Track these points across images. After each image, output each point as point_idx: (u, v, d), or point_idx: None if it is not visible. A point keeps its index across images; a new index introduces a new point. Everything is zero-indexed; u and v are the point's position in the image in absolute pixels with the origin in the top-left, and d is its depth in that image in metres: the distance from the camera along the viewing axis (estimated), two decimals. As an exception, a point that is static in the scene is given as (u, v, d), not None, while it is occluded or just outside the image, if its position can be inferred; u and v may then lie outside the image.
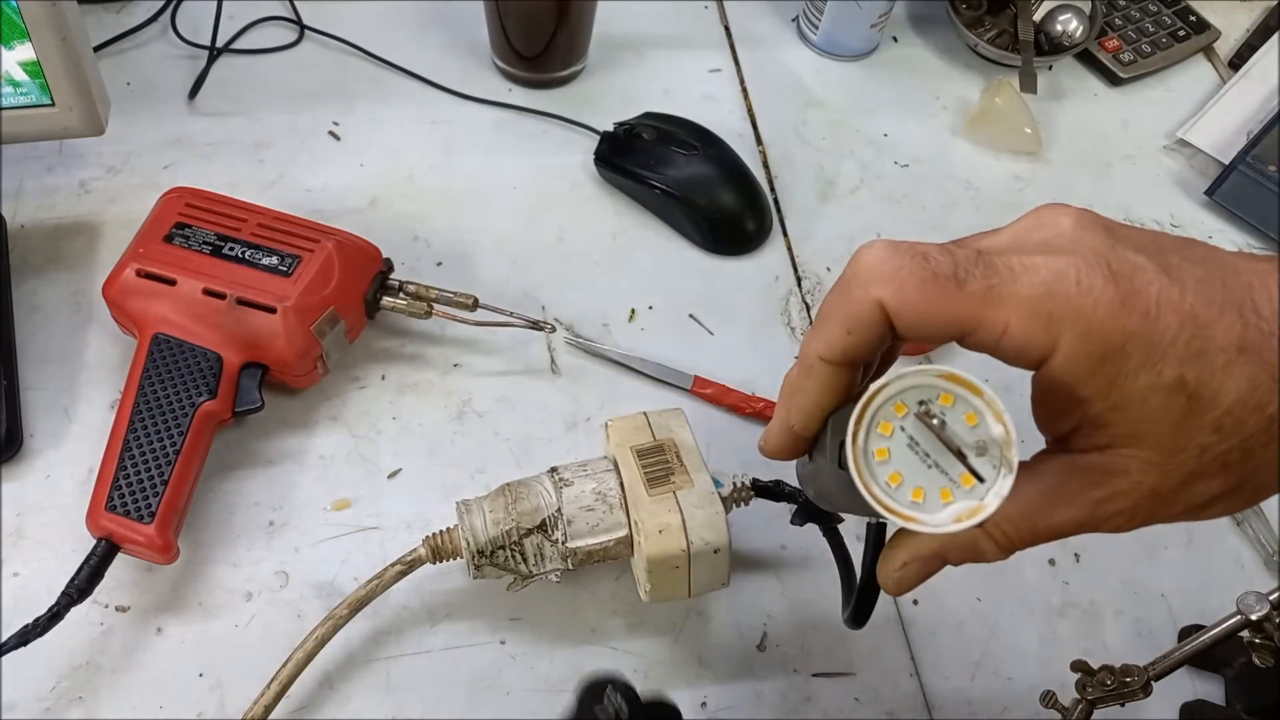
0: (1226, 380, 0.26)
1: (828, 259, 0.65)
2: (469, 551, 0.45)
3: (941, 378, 0.28)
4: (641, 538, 0.44)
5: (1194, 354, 0.26)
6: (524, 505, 0.45)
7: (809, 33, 0.76)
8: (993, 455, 0.28)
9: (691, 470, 0.46)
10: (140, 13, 0.70)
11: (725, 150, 0.66)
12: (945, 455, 0.28)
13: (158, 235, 0.52)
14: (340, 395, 0.55)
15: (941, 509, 0.28)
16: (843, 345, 0.30)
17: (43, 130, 0.53)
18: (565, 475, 0.46)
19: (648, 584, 0.45)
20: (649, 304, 0.61)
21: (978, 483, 0.28)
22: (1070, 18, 0.76)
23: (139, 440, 0.47)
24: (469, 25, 0.72)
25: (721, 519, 0.45)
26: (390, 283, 0.56)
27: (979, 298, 0.27)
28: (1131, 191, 0.72)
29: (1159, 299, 0.27)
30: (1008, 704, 0.50)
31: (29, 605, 0.46)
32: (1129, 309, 0.26)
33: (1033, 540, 0.31)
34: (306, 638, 0.45)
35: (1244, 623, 0.42)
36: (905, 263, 0.28)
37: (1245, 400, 0.26)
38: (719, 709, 0.48)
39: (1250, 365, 0.26)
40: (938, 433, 0.28)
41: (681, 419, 0.49)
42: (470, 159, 0.66)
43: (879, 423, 0.28)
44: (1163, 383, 0.26)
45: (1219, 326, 0.26)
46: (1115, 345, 0.26)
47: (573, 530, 0.45)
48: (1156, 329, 0.26)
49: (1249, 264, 0.28)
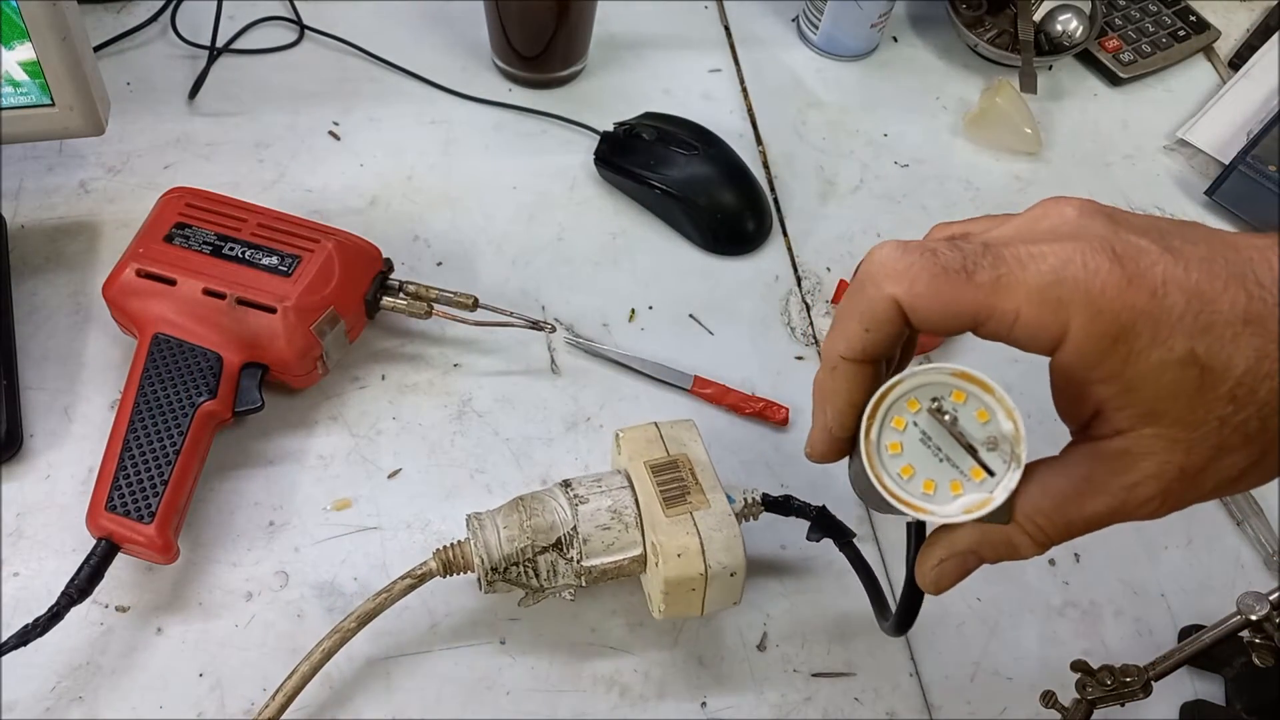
0: (1235, 351, 0.27)
1: (828, 259, 0.65)
2: (483, 569, 0.44)
3: (955, 375, 0.29)
4: (659, 560, 0.44)
5: (1202, 328, 0.27)
6: (539, 522, 0.45)
7: (809, 33, 0.76)
8: (1003, 450, 0.29)
9: (707, 489, 0.46)
10: (140, 13, 0.70)
11: (725, 150, 0.66)
12: (957, 449, 0.29)
13: (158, 235, 0.52)
14: (340, 395, 0.55)
15: (952, 500, 0.29)
16: (862, 343, 0.30)
17: (43, 130, 0.53)
18: (580, 491, 0.46)
19: (662, 604, 0.45)
20: (649, 304, 0.61)
21: (988, 476, 0.29)
22: (1070, 18, 0.76)
23: (139, 440, 0.47)
24: (469, 25, 0.72)
25: (739, 543, 0.44)
26: (390, 283, 0.56)
27: (989, 288, 0.28)
28: (1131, 191, 0.72)
29: (1164, 277, 0.27)
30: (1008, 704, 0.50)
31: (29, 605, 0.46)
32: (1136, 287, 0.27)
33: (1068, 532, 0.31)
34: (313, 650, 0.44)
35: (1244, 623, 0.42)
36: (916, 259, 0.29)
37: (1255, 369, 0.27)
38: (719, 709, 0.48)
39: (1257, 336, 0.27)
40: (949, 428, 0.29)
41: (694, 432, 0.49)
42: (470, 159, 0.66)
43: (893, 418, 0.29)
44: (1174, 357, 0.27)
45: (1224, 300, 0.27)
46: (1125, 323, 0.27)
47: (588, 549, 0.45)
48: (1164, 306, 0.27)
49: (1249, 240, 0.29)
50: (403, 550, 0.51)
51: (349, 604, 0.49)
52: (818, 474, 0.56)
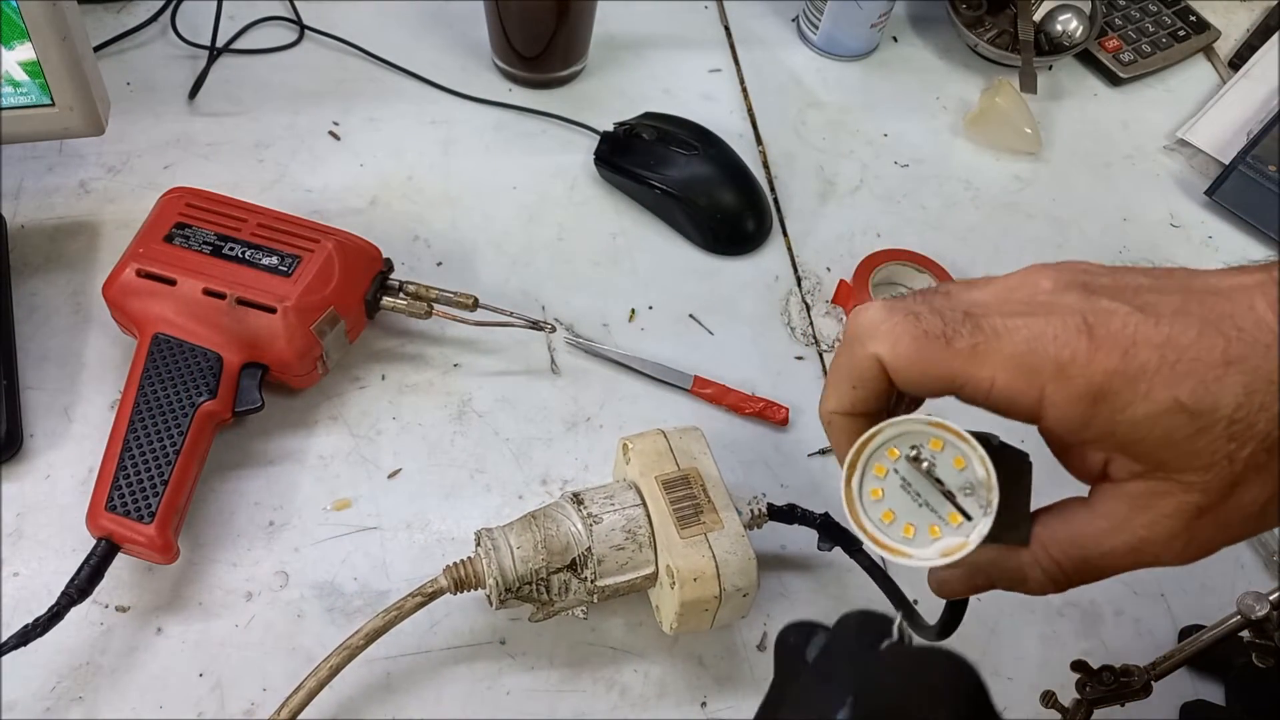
0: (1221, 391, 0.27)
1: (828, 259, 0.65)
2: (497, 591, 0.44)
3: (931, 425, 0.30)
4: (676, 584, 0.44)
5: (1180, 375, 0.28)
6: (554, 544, 0.44)
7: (809, 33, 0.76)
8: (979, 496, 0.29)
9: (720, 508, 0.46)
10: (140, 13, 0.70)
11: (725, 150, 0.66)
12: (935, 495, 0.30)
13: (158, 235, 0.52)
14: (340, 395, 0.55)
15: (930, 544, 0.30)
16: (851, 399, 0.32)
17: (43, 130, 0.53)
18: (593, 510, 0.45)
19: (675, 623, 0.45)
20: (649, 304, 0.61)
21: (965, 520, 0.30)
22: (1070, 18, 0.76)
23: (139, 440, 0.47)
24: (469, 25, 0.72)
25: (753, 565, 0.45)
26: (390, 283, 0.56)
27: (965, 355, 0.29)
28: (1131, 191, 0.72)
29: (1134, 336, 0.28)
30: (1008, 704, 0.50)
31: (29, 605, 0.46)
32: (1106, 351, 0.28)
33: (1085, 571, 0.31)
34: (320, 666, 0.43)
35: (1244, 623, 0.42)
36: (899, 320, 0.30)
37: (1247, 404, 0.27)
38: (719, 709, 0.48)
39: (1241, 374, 0.27)
40: (927, 475, 0.30)
41: (702, 442, 0.49)
42: (470, 159, 0.66)
43: (874, 465, 0.31)
44: (1159, 408, 0.28)
45: (1199, 347, 0.28)
46: (1098, 385, 0.28)
47: (602, 569, 0.45)
48: (1136, 363, 0.28)
49: (1229, 280, 0.29)
50: (403, 550, 0.51)
51: (349, 604, 0.49)
52: (818, 474, 0.56)
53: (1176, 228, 0.71)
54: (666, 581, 0.45)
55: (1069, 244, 0.68)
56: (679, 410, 0.57)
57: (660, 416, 0.57)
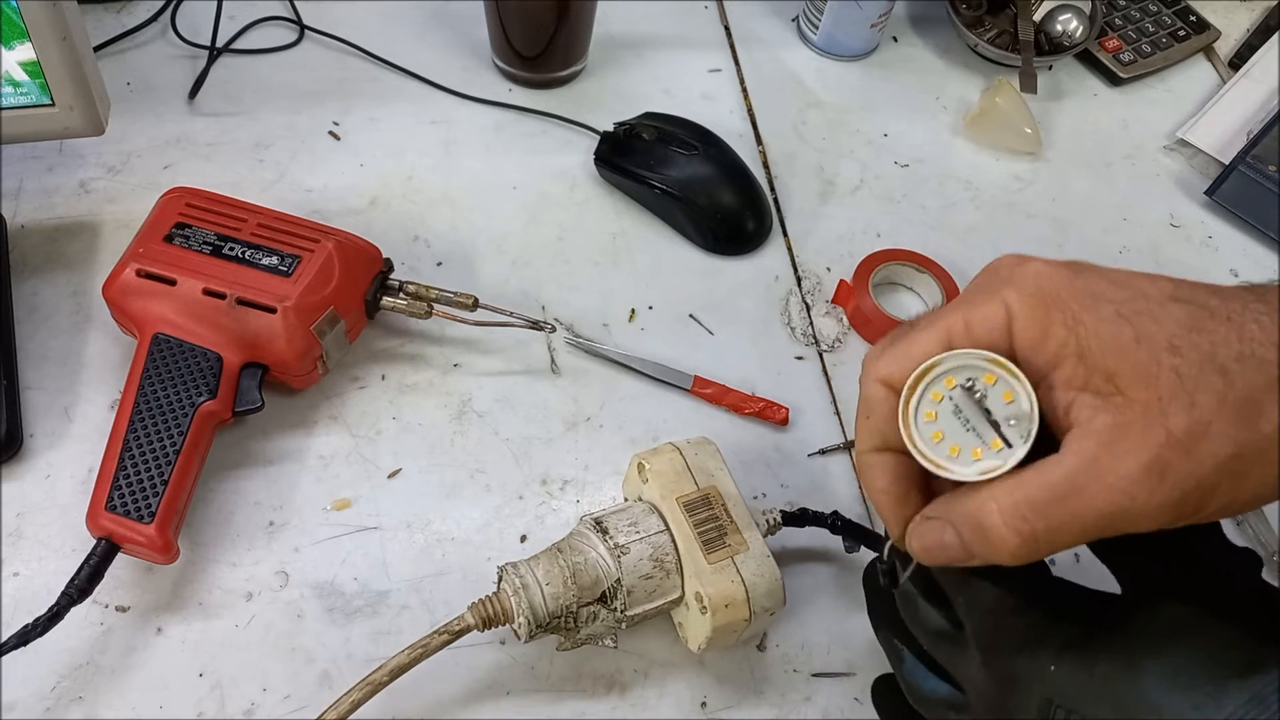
0: (1163, 314, 0.30)
1: (828, 259, 0.65)
2: (528, 628, 0.44)
3: (988, 361, 0.32)
4: (707, 610, 0.44)
5: (1125, 299, 0.31)
6: (584, 579, 0.44)
7: (809, 33, 0.76)
8: (1021, 427, 0.32)
9: (743, 528, 0.46)
10: (140, 13, 0.70)
11: (725, 150, 0.66)
12: (983, 422, 0.33)
13: (158, 235, 0.52)
14: (340, 395, 0.55)
15: (971, 464, 0.33)
16: (867, 431, 0.35)
17: (43, 130, 0.53)
18: (619, 539, 0.45)
19: (704, 645, 0.45)
20: (649, 304, 0.61)
21: (1005, 447, 0.32)
22: (1070, 18, 0.76)
23: (139, 440, 0.47)
24: (469, 25, 0.72)
25: (780, 585, 0.45)
26: (390, 283, 0.56)
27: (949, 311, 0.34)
28: (1131, 191, 0.72)
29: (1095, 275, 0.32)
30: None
31: (29, 605, 0.46)
32: (1065, 275, 0.32)
33: (1056, 528, 0.31)
34: (340, 699, 0.42)
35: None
36: (887, 343, 0.35)
37: (1186, 324, 0.30)
38: (719, 709, 0.48)
39: (1183, 307, 0.30)
40: (978, 403, 0.33)
41: (717, 457, 0.49)
42: (470, 159, 0.66)
43: (931, 391, 0.33)
44: (1106, 317, 0.31)
45: (1152, 287, 0.31)
46: (1051, 293, 0.31)
47: (632, 599, 0.45)
48: (1091, 288, 0.31)
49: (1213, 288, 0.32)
50: (403, 550, 0.51)
51: (349, 604, 0.49)
52: (818, 474, 0.56)
53: (1176, 228, 0.71)
54: (695, 606, 0.45)
55: (1069, 244, 0.68)
56: (679, 410, 0.57)
57: (660, 416, 0.57)
